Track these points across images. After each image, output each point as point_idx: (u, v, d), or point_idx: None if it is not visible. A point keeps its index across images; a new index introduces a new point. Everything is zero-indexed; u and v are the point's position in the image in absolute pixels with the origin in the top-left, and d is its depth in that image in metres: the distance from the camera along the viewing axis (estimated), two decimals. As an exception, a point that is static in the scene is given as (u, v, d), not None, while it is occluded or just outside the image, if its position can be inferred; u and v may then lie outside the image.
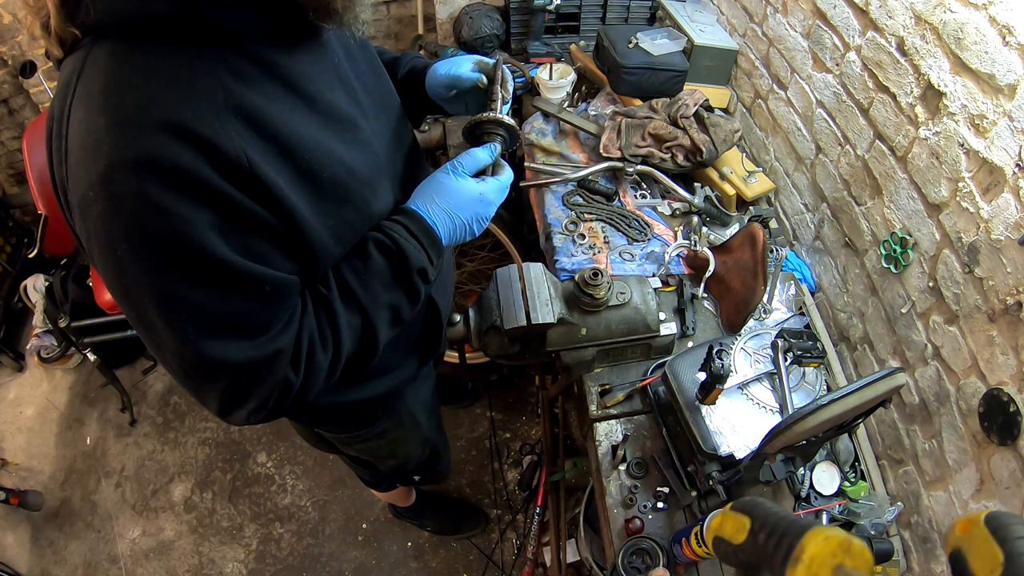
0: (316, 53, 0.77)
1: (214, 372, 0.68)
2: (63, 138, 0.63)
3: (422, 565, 2.12)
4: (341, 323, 0.77)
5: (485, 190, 0.88)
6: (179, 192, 0.59)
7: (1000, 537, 0.51)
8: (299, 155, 0.68)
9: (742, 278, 1.41)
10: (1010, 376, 0.98)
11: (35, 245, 2.06)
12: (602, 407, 1.34)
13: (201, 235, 0.60)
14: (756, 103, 1.81)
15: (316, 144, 0.71)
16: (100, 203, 0.59)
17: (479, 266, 2.32)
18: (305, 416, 1.15)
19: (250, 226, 0.65)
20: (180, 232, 0.60)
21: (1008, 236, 0.96)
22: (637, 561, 1.11)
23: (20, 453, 2.44)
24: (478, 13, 2.17)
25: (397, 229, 0.82)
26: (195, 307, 0.64)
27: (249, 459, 2.37)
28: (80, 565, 2.17)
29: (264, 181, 0.64)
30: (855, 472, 1.29)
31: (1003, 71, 0.96)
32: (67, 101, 0.62)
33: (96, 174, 0.58)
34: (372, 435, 1.23)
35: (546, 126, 1.90)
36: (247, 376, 0.70)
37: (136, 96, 0.59)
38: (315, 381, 0.77)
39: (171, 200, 0.58)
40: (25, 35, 2.44)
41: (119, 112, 0.58)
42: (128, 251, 0.60)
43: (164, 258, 0.61)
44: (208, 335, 0.65)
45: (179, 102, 0.59)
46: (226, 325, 0.66)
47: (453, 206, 0.86)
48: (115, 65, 0.60)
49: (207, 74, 0.62)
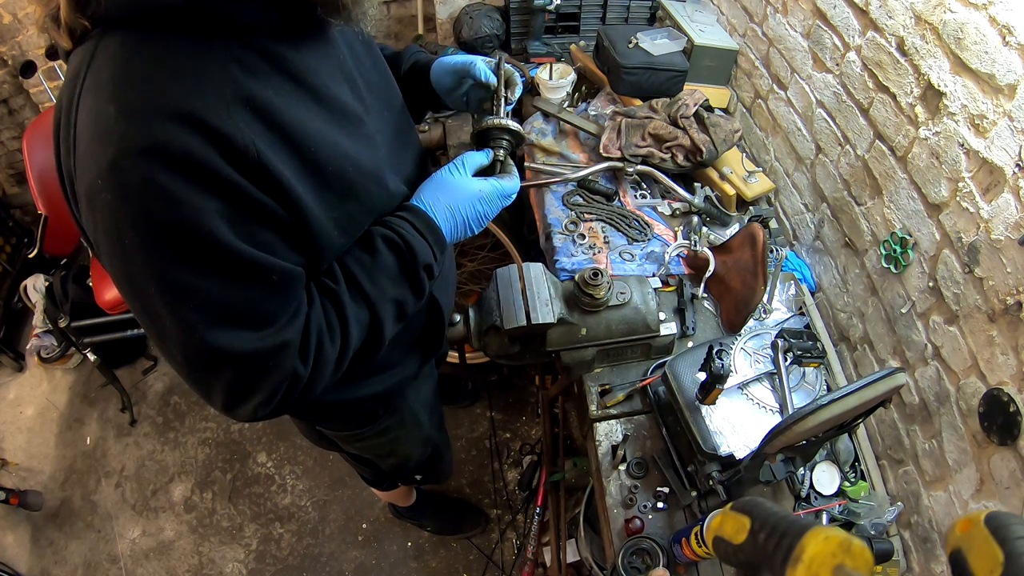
0: (323, 49, 0.77)
1: (219, 363, 0.67)
2: (71, 127, 0.63)
3: (422, 565, 2.12)
4: (349, 316, 0.78)
5: (484, 189, 0.90)
6: (188, 180, 0.59)
7: (1000, 537, 0.51)
8: (305, 148, 0.69)
9: (742, 278, 1.41)
10: (1010, 376, 0.98)
11: (35, 245, 2.06)
12: (602, 407, 1.34)
13: (209, 223, 0.60)
14: (756, 103, 1.81)
15: (322, 137, 0.71)
16: (108, 191, 0.59)
17: (479, 266, 2.32)
18: (307, 413, 1.16)
19: (258, 216, 0.65)
20: (189, 220, 0.59)
21: (1008, 236, 0.96)
22: (637, 561, 1.11)
23: (20, 453, 2.44)
24: (478, 13, 2.17)
25: (403, 225, 0.83)
26: (201, 296, 0.63)
27: (249, 459, 2.37)
28: (80, 565, 2.17)
29: (272, 172, 0.64)
30: (855, 472, 1.29)
31: (1003, 71, 0.96)
32: (76, 91, 0.62)
33: (105, 162, 0.58)
34: (373, 433, 1.23)
35: (546, 126, 1.90)
36: (253, 368, 0.69)
37: (146, 85, 0.59)
38: (323, 374, 0.77)
39: (180, 187, 0.58)
40: (25, 35, 2.44)
41: (129, 101, 0.58)
42: (135, 239, 0.60)
43: (171, 246, 0.61)
44: (214, 325, 0.65)
45: (189, 92, 0.60)
46: (232, 315, 0.66)
47: (454, 203, 0.88)
48: (126, 55, 0.60)
49: (216, 65, 0.63)
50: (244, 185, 0.62)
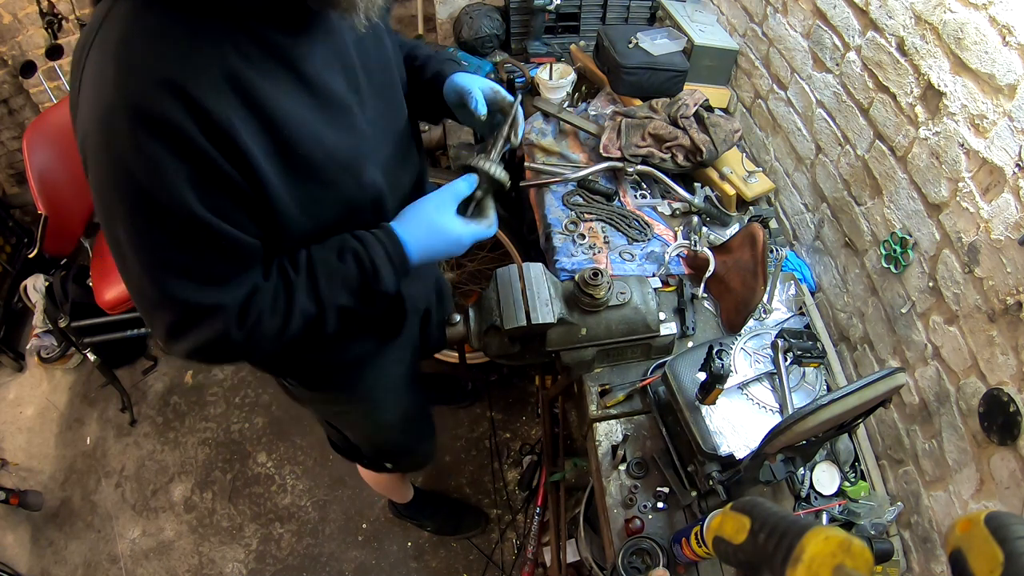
0: (323, 38, 0.81)
1: (163, 304, 0.77)
2: (80, 71, 0.71)
3: (422, 565, 2.12)
4: (296, 306, 0.84)
5: (463, 236, 0.94)
6: (163, 143, 0.66)
7: (1000, 537, 0.51)
8: (280, 129, 0.74)
9: (742, 278, 1.41)
10: (1010, 376, 0.98)
11: (35, 245, 2.06)
12: (602, 407, 1.34)
13: (174, 184, 0.68)
14: (756, 103, 1.81)
15: (300, 121, 0.77)
16: (97, 135, 0.68)
17: (479, 266, 2.32)
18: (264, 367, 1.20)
19: (221, 185, 0.72)
20: (156, 178, 0.67)
21: (1008, 236, 0.96)
22: (637, 561, 1.11)
23: (20, 453, 2.44)
24: (478, 13, 2.17)
25: (377, 250, 0.88)
26: (158, 246, 0.72)
27: (249, 459, 2.37)
28: (80, 565, 2.17)
29: (241, 147, 0.70)
30: (855, 472, 1.29)
31: (1003, 71, 0.96)
32: (89, 40, 0.71)
33: (99, 110, 0.67)
34: (325, 400, 1.28)
35: (546, 126, 1.90)
36: (190, 316, 0.78)
37: (143, 52, 0.67)
38: (258, 345, 0.84)
39: (154, 148, 0.66)
40: (25, 35, 2.45)
41: (126, 63, 0.66)
42: (110, 183, 0.69)
43: (138, 197, 0.69)
44: (164, 271, 0.74)
45: (180, 64, 0.67)
46: (181, 268, 0.75)
47: (431, 244, 0.93)
48: (131, 21, 0.68)
49: (211, 44, 0.69)
50: (213, 155, 0.69)
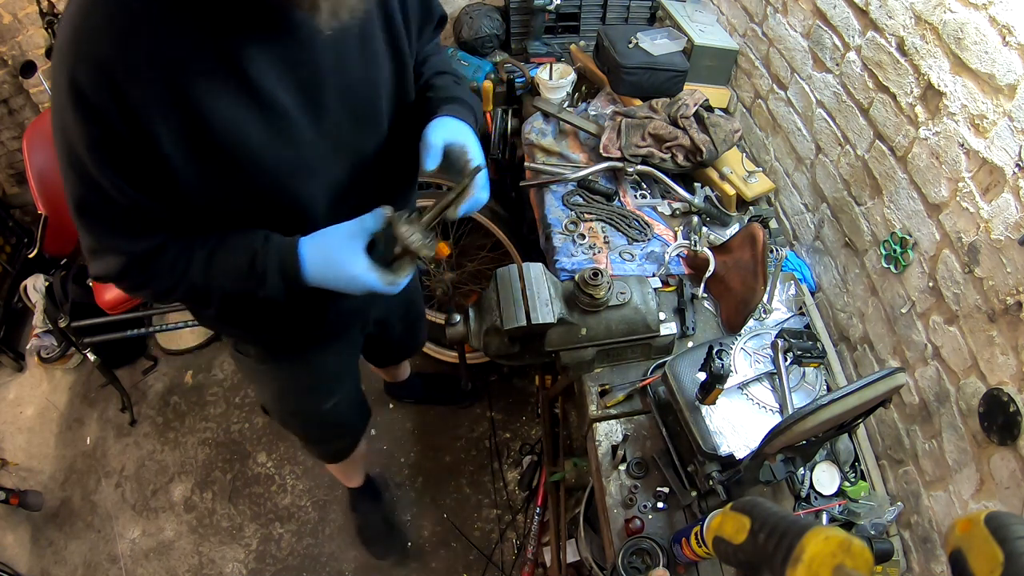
0: (282, 46, 0.84)
1: (80, 228, 0.91)
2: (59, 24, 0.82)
3: (422, 565, 2.11)
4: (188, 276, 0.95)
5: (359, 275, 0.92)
6: (82, 113, 0.77)
7: (1000, 537, 0.51)
8: (199, 123, 0.81)
9: (742, 278, 1.41)
10: (1010, 376, 0.98)
11: (35, 245, 2.06)
12: (602, 407, 1.34)
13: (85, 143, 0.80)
14: (756, 103, 1.81)
15: (227, 121, 0.83)
16: (52, 83, 0.81)
17: (479, 266, 2.32)
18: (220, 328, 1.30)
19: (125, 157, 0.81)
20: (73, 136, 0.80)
21: (1008, 236, 0.96)
22: (637, 561, 1.11)
23: (20, 453, 2.44)
24: (478, 13, 2.17)
25: (273, 259, 0.93)
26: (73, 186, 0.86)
27: (249, 459, 2.37)
28: (80, 565, 2.17)
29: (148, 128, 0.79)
30: (855, 472, 1.29)
31: (1003, 71, 0.96)
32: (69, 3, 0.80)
33: (55, 64, 0.79)
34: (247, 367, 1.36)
35: (546, 126, 1.90)
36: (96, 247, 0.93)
37: (91, 28, 0.75)
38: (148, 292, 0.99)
39: (74, 111, 0.77)
40: (25, 35, 2.44)
41: (76, 34, 0.76)
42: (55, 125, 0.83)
43: (65, 146, 0.82)
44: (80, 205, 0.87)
45: (119, 48, 0.75)
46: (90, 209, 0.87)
47: (328, 273, 0.94)
48: None
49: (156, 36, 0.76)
50: (121, 129, 0.78)
